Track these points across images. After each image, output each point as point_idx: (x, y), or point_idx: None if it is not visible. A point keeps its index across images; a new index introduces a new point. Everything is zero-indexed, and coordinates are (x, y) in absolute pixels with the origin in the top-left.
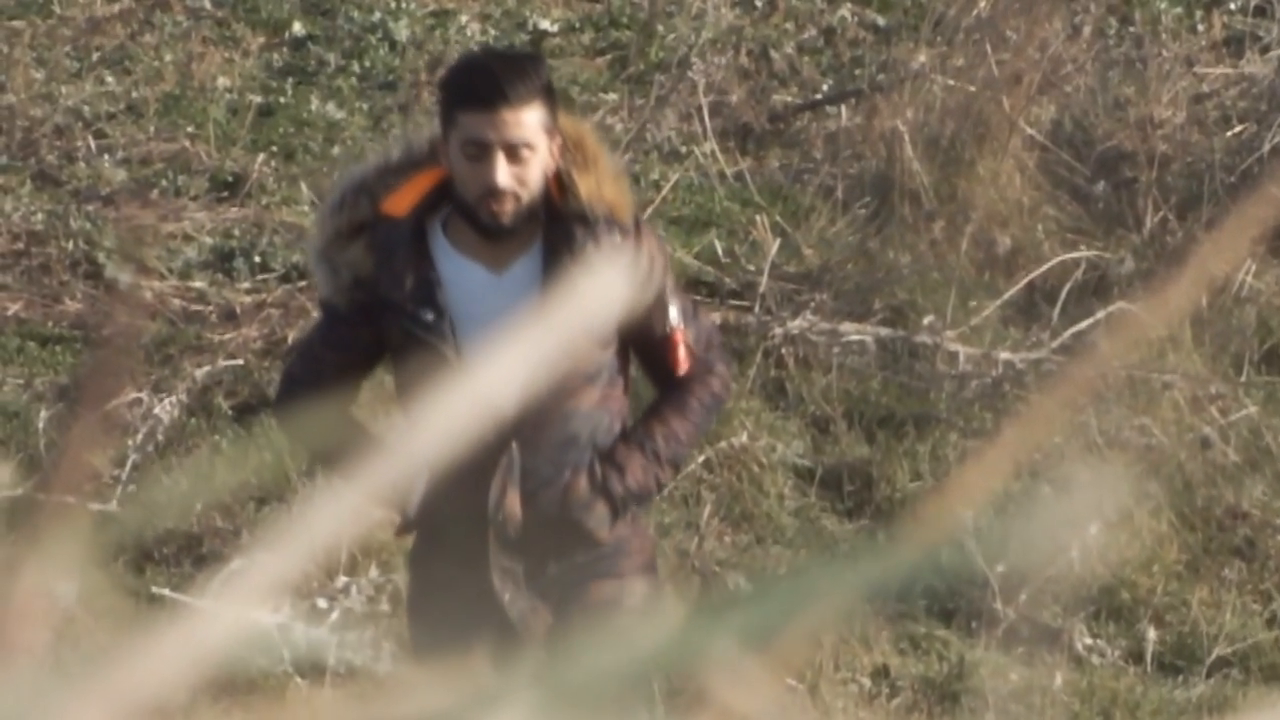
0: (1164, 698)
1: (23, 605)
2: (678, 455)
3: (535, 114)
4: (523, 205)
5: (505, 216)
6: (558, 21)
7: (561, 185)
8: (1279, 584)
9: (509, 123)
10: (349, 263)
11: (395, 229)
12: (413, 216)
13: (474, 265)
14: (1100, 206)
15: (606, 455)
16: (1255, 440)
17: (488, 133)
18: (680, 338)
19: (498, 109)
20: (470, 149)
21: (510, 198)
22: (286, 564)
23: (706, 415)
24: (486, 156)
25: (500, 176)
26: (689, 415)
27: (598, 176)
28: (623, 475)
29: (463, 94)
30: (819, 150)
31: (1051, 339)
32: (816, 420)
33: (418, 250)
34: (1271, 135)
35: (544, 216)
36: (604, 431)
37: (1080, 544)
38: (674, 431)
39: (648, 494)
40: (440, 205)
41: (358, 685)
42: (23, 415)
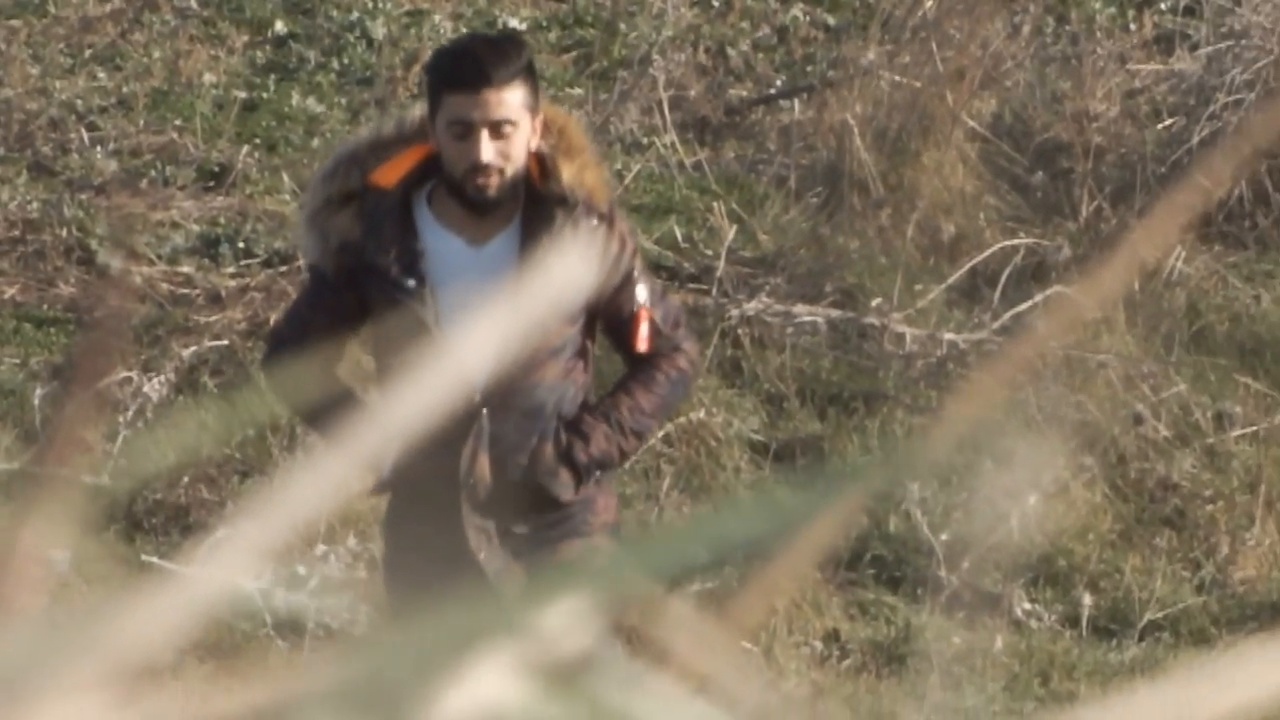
0: (1098, 660)
1: (20, 570)
2: (642, 426)
3: (517, 93)
4: (507, 179)
5: (491, 189)
6: (526, 20)
7: (543, 168)
8: (1207, 552)
9: (492, 102)
10: (337, 229)
11: (383, 199)
12: (400, 188)
13: (455, 238)
14: (1038, 195)
15: (572, 424)
16: (1185, 416)
17: (472, 112)
18: (645, 316)
19: (481, 90)
20: (456, 128)
21: (495, 172)
22: (268, 533)
23: (673, 390)
24: (472, 135)
25: (485, 153)
26: (655, 389)
27: (581, 163)
28: (586, 444)
29: (448, 76)
30: (773, 142)
31: (992, 321)
32: (771, 397)
33: (403, 220)
34: (1200, 128)
35: (524, 196)
36: (568, 402)
37: (1019, 514)
38: (639, 404)
39: (610, 462)
40: (427, 179)
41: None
42: (19, 393)
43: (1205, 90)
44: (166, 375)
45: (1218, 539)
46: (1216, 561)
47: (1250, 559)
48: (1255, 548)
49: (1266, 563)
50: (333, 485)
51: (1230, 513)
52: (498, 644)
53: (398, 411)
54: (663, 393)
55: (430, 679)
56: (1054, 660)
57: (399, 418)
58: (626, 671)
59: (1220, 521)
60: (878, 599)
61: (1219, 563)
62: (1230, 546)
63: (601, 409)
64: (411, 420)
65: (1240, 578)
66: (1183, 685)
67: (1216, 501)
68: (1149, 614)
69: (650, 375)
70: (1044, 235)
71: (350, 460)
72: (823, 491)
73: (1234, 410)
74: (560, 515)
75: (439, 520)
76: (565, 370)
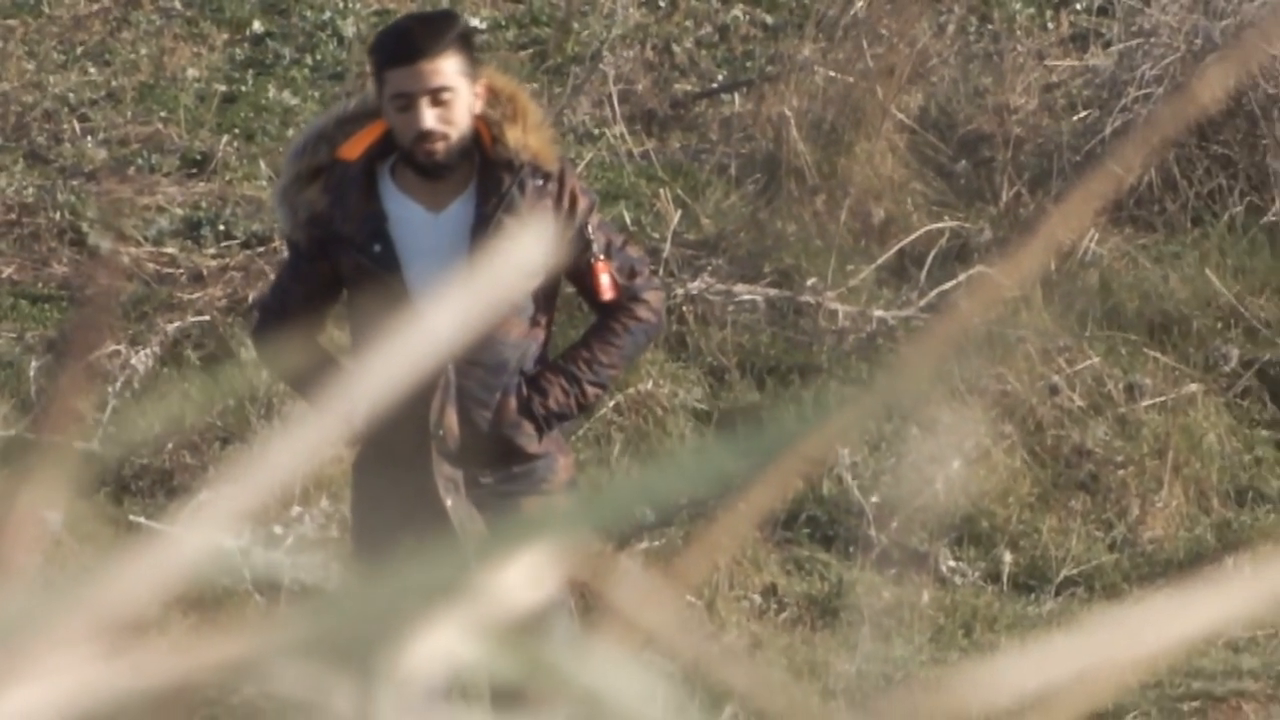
0: (1018, 613)
1: (17, 530)
2: (600, 378)
3: (451, 62)
4: (453, 143)
5: (438, 154)
6: (485, 19)
7: (493, 135)
8: (1119, 513)
9: (427, 72)
10: (306, 202)
11: (348, 171)
12: (363, 160)
13: (416, 205)
14: (962, 182)
15: (532, 380)
16: (1098, 387)
17: (410, 84)
18: (602, 268)
19: (416, 62)
20: (398, 101)
21: (439, 138)
22: (247, 495)
23: (633, 340)
24: (413, 106)
25: (427, 120)
26: (612, 341)
27: (525, 127)
28: (545, 397)
29: (386, 54)
30: (715, 133)
31: (919, 299)
32: (713, 370)
33: (367, 190)
34: (1112, 120)
35: (478, 163)
36: (530, 359)
37: (944, 478)
38: (595, 357)
39: (569, 414)
40: (389, 152)
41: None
42: (15, 365)
43: (1117, 85)
44: (152, 348)
45: (1128, 501)
46: (1127, 522)
47: (1159, 520)
48: (1163, 509)
49: (1174, 523)
50: (307, 451)
51: (1140, 477)
52: (455, 600)
53: (372, 373)
54: (621, 344)
55: (393, 632)
56: (977, 613)
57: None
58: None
59: (1131, 485)
60: (812, 556)
61: (1129, 523)
62: (1140, 508)
63: (560, 364)
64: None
65: (1149, 537)
66: (1095, 636)
67: (1127, 467)
68: (1065, 571)
69: (609, 327)
70: (967, 219)
71: (324, 426)
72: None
73: (1144, 382)
74: (525, 469)
75: (409, 469)
76: (528, 328)
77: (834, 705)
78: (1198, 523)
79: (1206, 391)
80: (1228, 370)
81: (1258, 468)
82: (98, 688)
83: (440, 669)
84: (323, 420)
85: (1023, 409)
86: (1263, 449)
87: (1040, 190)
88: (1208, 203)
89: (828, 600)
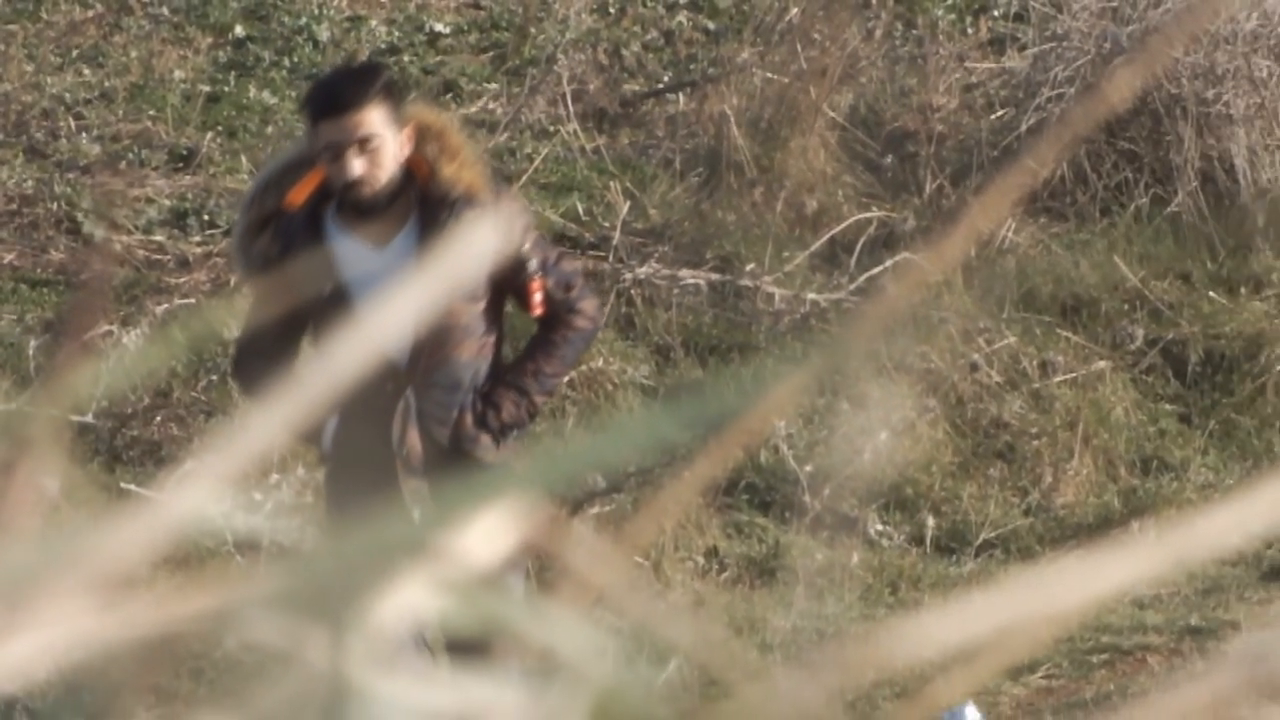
0: (940, 573)
1: (17, 495)
2: (546, 387)
3: (375, 113)
4: (380, 187)
5: (366, 198)
6: (450, 25)
7: (430, 171)
8: (1033, 481)
9: (351, 124)
10: (259, 250)
11: (295, 218)
12: (308, 206)
13: (360, 243)
14: (888, 176)
15: (485, 395)
16: (1014, 364)
17: (338, 135)
18: (536, 286)
19: (341, 116)
20: (328, 151)
21: (367, 183)
22: (229, 464)
23: (572, 348)
24: (341, 155)
25: (354, 169)
26: (554, 352)
27: (459, 163)
28: (498, 412)
29: (314, 108)
30: (661, 130)
31: (849, 283)
32: (660, 348)
33: (314, 234)
34: (1027, 118)
35: (417, 199)
36: (483, 375)
37: (873, 448)
38: (540, 368)
39: (521, 424)
40: (332, 195)
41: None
42: (16, 344)
43: (1032, 85)
44: (142, 329)
45: (1042, 470)
46: (1041, 489)
47: (1070, 487)
48: (1074, 477)
49: (1084, 490)
50: (281, 426)
51: (1053, 448)
52: (419, 559)
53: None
54: (562, 353)
55: (362, 588)
56: (902, 574)
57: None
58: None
59: (1044, 455)
60: (751, 521)
61: (1043, 490)
62: (1053, 476)
63: (508, 378)
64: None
65: (1061, 503)
66: (1011, 594)
67: (1041, 438)
68: (983, 534)
69: (550, 339)
70: (893, 210)
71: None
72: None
73: (1056, 359)
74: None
75: (377, 485)
76: (479, 347)
77: (771, 658)
78: (1106, 490)
79: (1114, 368)
80: (1134, 349)
81: (1161, 439)
82: (92, 638)
83: (406, 622)
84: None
85: (945, 385)
86: (1166, 422)
87: (961, 183)
88: (1115, 194)
89: (765, 561)
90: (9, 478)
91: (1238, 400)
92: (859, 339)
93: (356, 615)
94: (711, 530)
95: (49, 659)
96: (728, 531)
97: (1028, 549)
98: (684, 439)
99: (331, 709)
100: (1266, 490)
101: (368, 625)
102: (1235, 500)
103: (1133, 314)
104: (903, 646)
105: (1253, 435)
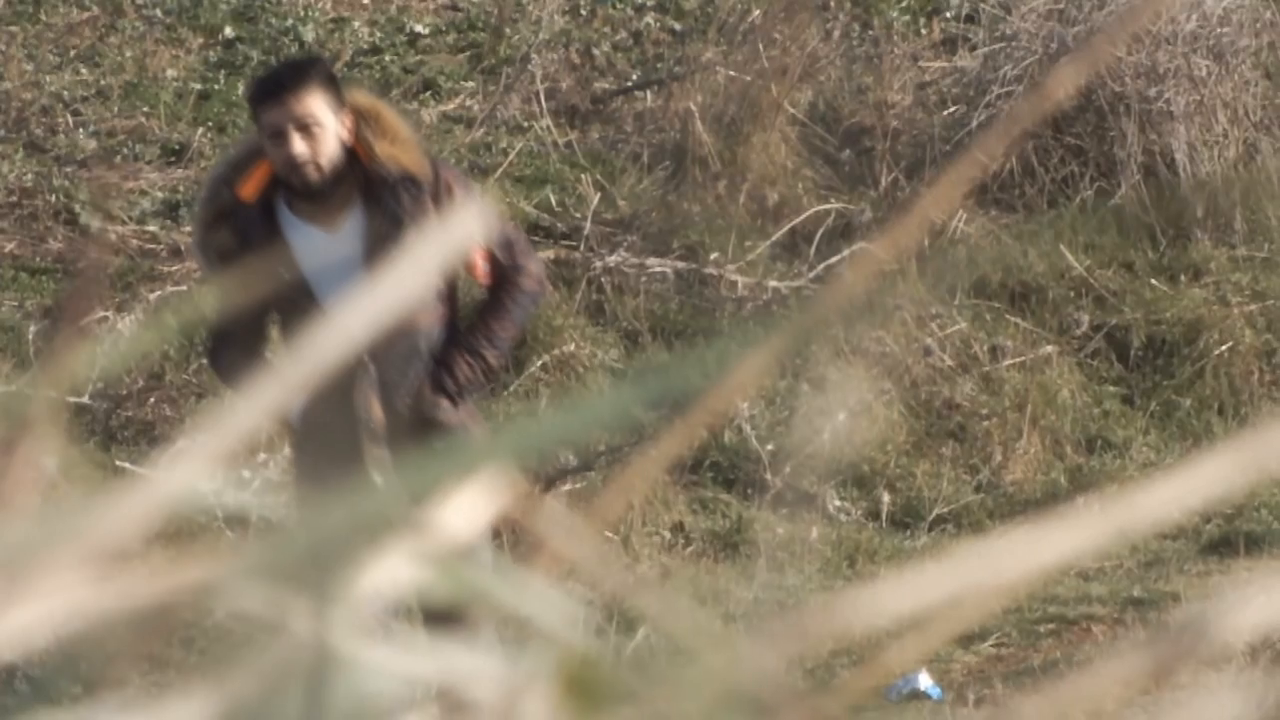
0: (895, 547)
1: (17, 474)
2: (499, 347)
3: (316, 97)
4: (324, 170)
5: (311, 179)
6: (429, 26)
7: (369, 153)
8: (984, 459)
9: (293, 107)
10: (217, 245)
11: (250, 211)
12: (260, 198)
13: (313, 229)
14: (846, 169)
15: (440, 360)
16: (965, 349)
17: (279, 118)
18: (481, 255)
19: (283, 99)
20: (271, 135)
21: (309, 164)
22: (219, 443)
23: (521, 309)
24: (283, 137)
25: (296, 148)
26: (503, 314)
27: (392, 142)
28: (454, 375)
29: (258, 95)
30: (629, 125)
31: (809, 271)
32: (628, 333)
33: (268, 225)
34: (978, 115)
35: (361, 181)
36: (439, 342)
37: (831, 429)
38: (491, 330)
39: (477, 385)
40: (281, 185)
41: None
42: (16, 329)
43: (982, 83)
44: (136, 314)
45: (992, 449)
46: (991, 467)
47: (1019, 465)
48: (1023, 456)
49: (1032, 468)
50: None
51: (1002, 428)
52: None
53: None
54: (512, 314)
55: (344, 560)
56: (859, 547)
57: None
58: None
59: (994, 435)
60: (715, 497)
61: (993, 468)
62: (1002, 455)
63: (461, 342)
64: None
65: (1010, 480)
66: (963, 567)
67: (991, 418)
68: (936, 510)
69: (499, 301)
70: (850, 201)
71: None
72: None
73: (1005, 344)
74: (443, 440)
75: (343, 455)
76: (435, 317)
77: (734, 628)
78: (1052, 468)
79: (1060, 352)
80: (1079, 334)
81: (1105, 419)
82: (89, 608)
83: (385, 592)
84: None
85: (900, 368)
86: (1110, 403)
87: (915, 176)
88: (1061, 187)
89: (729, 536)
90: (10, 456)
91: (1178, 383)
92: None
93: (339, 586)
94: (678, 506)
95: (48, 628)
96: (693, 507)
97: (978, 524)
98: (650, 417)
99: (315, 675)
100: (1205, 468)
101: (350, 595)
102: (1175, 477)
103: (1078, 301)
104: (859, 616)
105: (1192, 416)
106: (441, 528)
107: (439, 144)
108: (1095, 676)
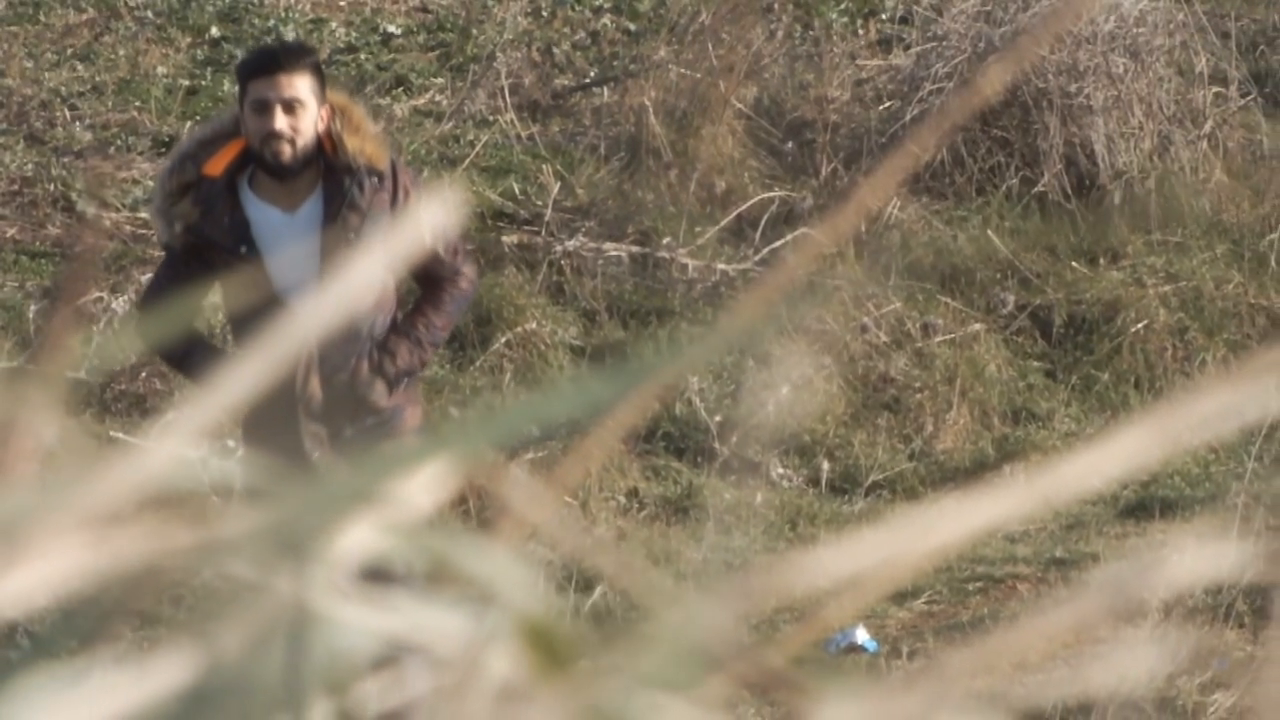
0: (834, 512)
1: (18, 444)
2: (436, 339)
3: (305, 80)
4: (298, 149)
5: (284, 156)
6: (401, 26)
7: (335, 145)
8: (917, 429)
9: (283, 83)
10: (179, 215)
11: (213, 186)
12: (225, 175)
13: (273, 209)
14: (789, 160)
15: (381, 344)
16: (899, 326)
17: (268, 92)
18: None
19: (275, 74)
20: (256, 105)
21: (286, 141)
22: (206, 415)
23: (457, 307)
24: (268, 110)
25: (278, 122)
26: (443, 309)
27: (361, 137)
28: (394, 359)
29: (251, 67)
30: (587, 119)
31: (754, 255)
32: (587, 313)
33: (230, 200)
34: (912, 109)
35: (323, 169)
36: (380, 326)
37: (775, 401)
38: (431, 322)
39: (414, 371)
40: (246, 166)
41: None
42: (17, 309)
43: (915, 80)
44: (129, 295)
45: (924, 420)
46: (923, 437)
47: (949, 435)
48: (953, 426)
49: (961, 438)
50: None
51: (934, 400)
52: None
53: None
54: (449, 310)
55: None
56: (800, 512)
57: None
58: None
59: (926, 406)
60: (667, 465)
61: (925, 438)
62: (934, 426)
63: (402, 329)
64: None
65: (941, 449)
66: (897, 531)
67: (923, 391)
68: (872, 476)
69: (439, 296)
70: (793, 190)
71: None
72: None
73: (937, 322)
74: (376, 420)
75: (282, 429)
76: (377, 301)
77: (685, 587)
78: (981, 438)
79: (988, 330)
80: (1005, 313)
81: (1030, 392)
82: (85, 569)
83: (361, 556)
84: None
85: (838, 344)
86: (1034, 377)
87: (853, 166)
88: (989, 177)
89: (680, 501)
90: (11, 428)
91: (1097, 358)
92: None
93: (319, 550)
94: (632, 473)
95: (47, 588)
96: (647, 474)
97: (912, 490)
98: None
99: (296, 631)
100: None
101: (328, 559)
102: (1095, 447)
103: (1004, 282)
104: (801, 576)
105: (1110, 389)
106: (405, 501)
107: (410, 137)
108: (1021, 631)
